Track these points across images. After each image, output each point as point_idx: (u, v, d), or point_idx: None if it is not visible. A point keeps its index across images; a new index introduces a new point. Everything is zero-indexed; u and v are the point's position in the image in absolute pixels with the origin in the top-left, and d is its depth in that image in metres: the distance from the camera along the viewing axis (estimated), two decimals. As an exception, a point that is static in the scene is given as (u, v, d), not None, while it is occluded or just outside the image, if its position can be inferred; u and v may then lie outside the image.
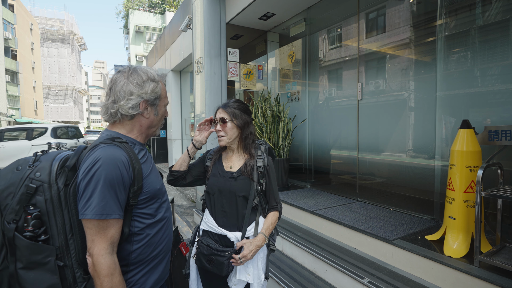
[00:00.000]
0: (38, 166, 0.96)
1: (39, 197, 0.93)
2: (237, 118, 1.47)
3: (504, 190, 1.93)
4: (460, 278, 1.89)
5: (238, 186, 1.45)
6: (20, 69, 30.18)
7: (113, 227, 0.95)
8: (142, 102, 1.06)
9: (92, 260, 0.92)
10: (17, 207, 0.92)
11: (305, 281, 2.49)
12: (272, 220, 1.49)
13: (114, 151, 0.97)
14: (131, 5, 30.18)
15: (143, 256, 1.05)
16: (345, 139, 4.23)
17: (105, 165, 0.93)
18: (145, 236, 1.05)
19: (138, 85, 1.05)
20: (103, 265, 0.91)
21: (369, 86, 3.75)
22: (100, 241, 0.92)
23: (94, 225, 0.92)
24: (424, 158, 3.27)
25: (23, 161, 0.99)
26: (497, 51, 2.61)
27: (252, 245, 1.38)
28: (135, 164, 1.01)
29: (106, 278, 0.91)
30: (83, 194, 0.92)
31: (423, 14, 3.35)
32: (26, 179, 0.94)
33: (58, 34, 44.52)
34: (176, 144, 9.12)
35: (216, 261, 1.36)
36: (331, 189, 4.27)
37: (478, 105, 2.74)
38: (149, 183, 1.06)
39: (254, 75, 5.42)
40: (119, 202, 0.96)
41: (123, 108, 1.04)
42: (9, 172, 0.97)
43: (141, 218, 1.04)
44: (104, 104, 1.07)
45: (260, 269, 1.46)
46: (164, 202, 1.14)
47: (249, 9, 4.49)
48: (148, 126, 1.13)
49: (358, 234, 2.65)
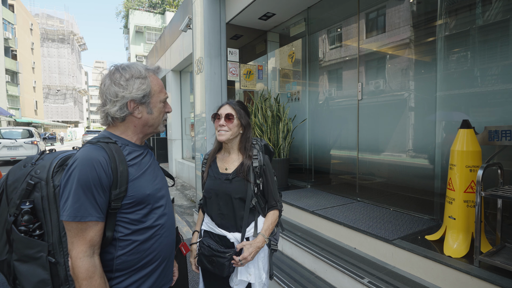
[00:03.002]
0: (40, 164, 0.99)
1: (36, 193, 0.96)
2: (243, 117, 1.47)
3: (504, 190, 1.93)
4: (460, 278, 1.89)
5: (233, 188, 1.43)
6: (20, 69, 30.18)
7: (91, 229, 0.91)
8: (129, 102, 1.00)
9: (71, 263, 0.90)
10: (17, 201, 0.96)
11: (305, 281, 2.49)
12: (271, 219, 1.48)
13: (92, 151, 0.93)
14: (131, 5, 30.18)
15: (130, 263, 0.99)
16: (345, 139, 4.23)
17: (80, 166, 0.90)
18: (131, 243, 0.99)
19: (121, 85, 0.99)
20: (81, 268, 0.89)
21: (369, 86, 3.75)
22: (78, 243, 0.89)
23: (72, 227, 0.89)
24: (424, 158, 3.27)
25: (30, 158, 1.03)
26: (497, 51, 2.61)
27: (252, 247, 1.38)
28: (118, 165, 0.95)
29: (84, 281, 0.88)
30: (62, 195, 0.91)
31: (423, 14, 3.35)
32: (28, 175, 0.98)
33: (58, 34, 44.54)
34: (176, 144, 9.12)
35: (217, 262, 1.36)
36: (331, 189, 4.27)
37: (478, 105, 2.74)
38: (136, 187, 0.99)
39: (254, 75, 5.42)
40: (97, 203, 0.91)
41: (110, 112, 0.99)
42: (17, 168, 1.02)
43: (126, 224, 0.98)
44: (98, 107, 1.06)
45: (261, 269, 1.46)
46: (157, 208, 1.06)
47: (249, 9, 4.49)
48: (143, 125, 1.07)
49: (358, 234, 2.65)
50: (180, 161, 8.64)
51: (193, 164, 6.65)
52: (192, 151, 8.36)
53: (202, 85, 4.85)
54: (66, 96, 45.82)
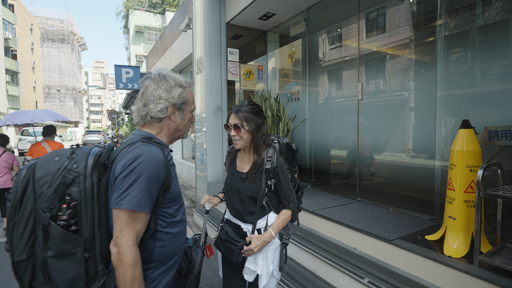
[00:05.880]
0: (76, 158, 1.00)
1: (74, 188, 0.97)
2: (249, 122, 1.51)
3: (504, 190, 1.93)
4: (460, 278, 1.89)
5: (245, 187, 1.54)
6: (20, 69, 30.18)
7: (141, 220, 0.99)
8: (169, 106, 1.13)
9: (118, 250, 0.94)
10: (53, 196, 0.95)
11: (305, 281, 2.49)
12: (283, 218, 1.55)
13: (154, 149, 1.04)
14: (131, 5, 30.17)
15: (162, 254, 1.09)
16: (345, 139, 4.23)
17: (146, 161, 0.99)
18: (166, 235, 1.09)
19: (167, 90, 1.12)
20: (129, 255, 0.94)
21: (369, 86, 3.75)
22: (128, 231, 0.95)
23: (126, 215, 0.95)
24: (424, 158, 3.27)
25: (60, 152, 1.02)
26: (497, 51, 2.61)
27: (258, 241, 1.46)
28: (167, 163, 1.07)
29: (130, 268, 0.94)
30: (120, 186, 0.97)
31: (423, 14, 3.35)
32: (64, 169, 0.97)
33: (58, 34, 44.54)
34: (176, 144, 9.12)
35: (229, 248, 1.52)
36: (331, 189, 4.27)
37: (478, 105, 2.74)
38: (174, 185, 1.11)
39: (254, 75, 5.42)
40: (151, 198, 1.01)
41: (152, 111, 1.11)
42: (46, 161, 0.99)
43: (164, 217, 1.09)
44: (136, 107, 1.15)
45: (269, 261, 1.53)
46: (182, 205, 1.19)
47: (249, 9, 4.49)
48: (175, 130, 1.19)
49: (358, 234, 2.65)
50: (180, 161, 8.64)
51: (193, 164, 6.65)
52: (192, 151, 8.35)
53: (202, 85, 4.85)
54: (66, 96, 45.81)
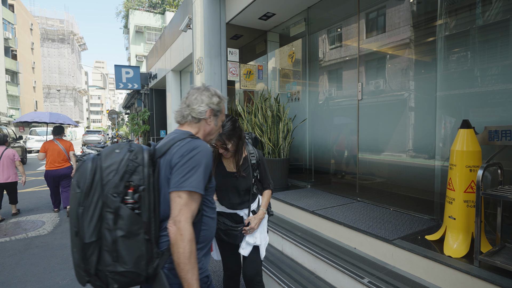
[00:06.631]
0: (135, 151, 1.13)
1: (135, 176, 1.10)
2: (231, 139, 1.75)
3: (504, 190, 1.93)
4: (460, 278, 1.89)
5: (240, 183, 1.85)
6: (20, 69, 30.18)
7: (196, 201, 1.15)
8: (208, 110, 1.33)
9: (178, 226, 1.08)
10: (119, 182, 1.07)
11: (305, 281, 2.49)
12: (267, 196, 1.97)
13: (205, 143, 1.24)
14: (131, 5, 30.16)
15: (205, 237, 1.25)
16: (345, 139, 4.23)
17: (203, 152, 1.19)
18: (208, 219, 1.27)
19: (208, 97, 1.34)
20: (188, 230, 1.09)
21: (369, 86, 3.75)
22: (186, 210, 1.11)
23: (186, 196, 1.12)
24: (424, 158, 3.27)
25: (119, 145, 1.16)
26: (497, 51, 2.61)
27: (256, 219, 1.86)
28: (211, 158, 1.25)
29: (189, 243, 1.08)
30: (178, 171, 1.13)
31: (423, 14, 3.35)
32: (127, 160, 1.10)
33: (58, 34, 44.54)
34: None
35: (231, 234, 1.83)
36: (331, 189, 4.27)
37: (478, 105, 2.74)
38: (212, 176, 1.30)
39: (254, 75, 5.42)
40: (204, 183, 1.18)
41: (195, 111, 1.30)
42: (111, 152, 1.13)
43: (206, 203, 1.26)
44: (180, 109, 1.35)
45: (265, 232, 1.94)
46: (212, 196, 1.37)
47: (249, 9, 4.50)
48: (208, 133, 1.37)
49: (358, 234, 2.65)
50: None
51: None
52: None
53: (202, 85, 4.84)
54: (66, 96, 45.80)
